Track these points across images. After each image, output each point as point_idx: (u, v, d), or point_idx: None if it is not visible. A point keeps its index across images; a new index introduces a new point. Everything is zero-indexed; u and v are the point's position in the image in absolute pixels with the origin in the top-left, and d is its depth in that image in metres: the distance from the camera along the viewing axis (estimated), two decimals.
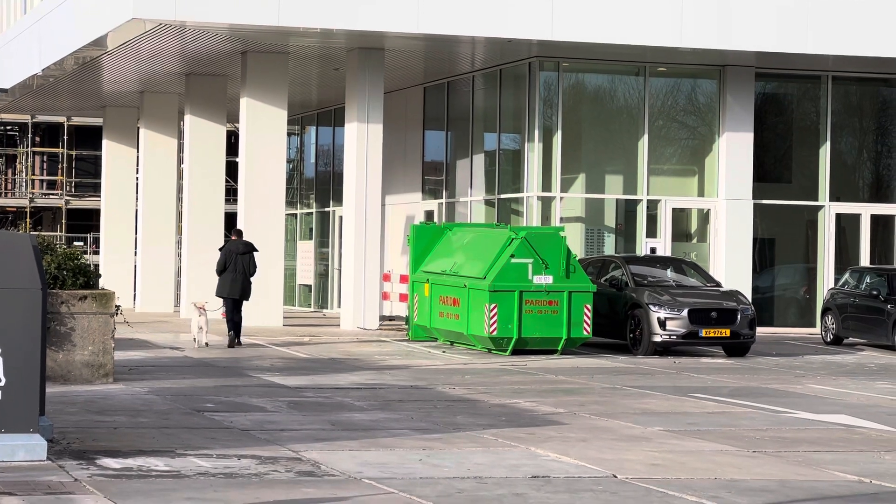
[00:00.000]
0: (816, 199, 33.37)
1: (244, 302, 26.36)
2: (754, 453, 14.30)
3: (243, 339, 27.06)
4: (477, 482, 12.18)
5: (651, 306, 26.11)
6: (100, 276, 20.44)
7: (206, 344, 25.70)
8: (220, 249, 26.78)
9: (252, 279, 26.46)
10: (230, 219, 37.55)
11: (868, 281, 29.18)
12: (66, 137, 61.62)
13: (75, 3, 32.80)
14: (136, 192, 40.44)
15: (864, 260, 33.16)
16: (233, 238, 27.05)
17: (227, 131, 36.84)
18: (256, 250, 26.79)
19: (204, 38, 29.81)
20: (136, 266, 39.64)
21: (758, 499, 11.77)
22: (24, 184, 63.09)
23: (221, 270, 26.18)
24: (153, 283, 37.70)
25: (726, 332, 26.17)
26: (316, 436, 14.65)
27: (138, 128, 40.41)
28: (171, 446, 13.64)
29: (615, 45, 29.50)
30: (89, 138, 60.52)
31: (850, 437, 15.74)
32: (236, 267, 26.06)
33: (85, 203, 61.78)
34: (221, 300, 26.47)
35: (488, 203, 33.56)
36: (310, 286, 41.86)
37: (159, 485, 11.62)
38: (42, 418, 13.05)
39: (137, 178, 40.34)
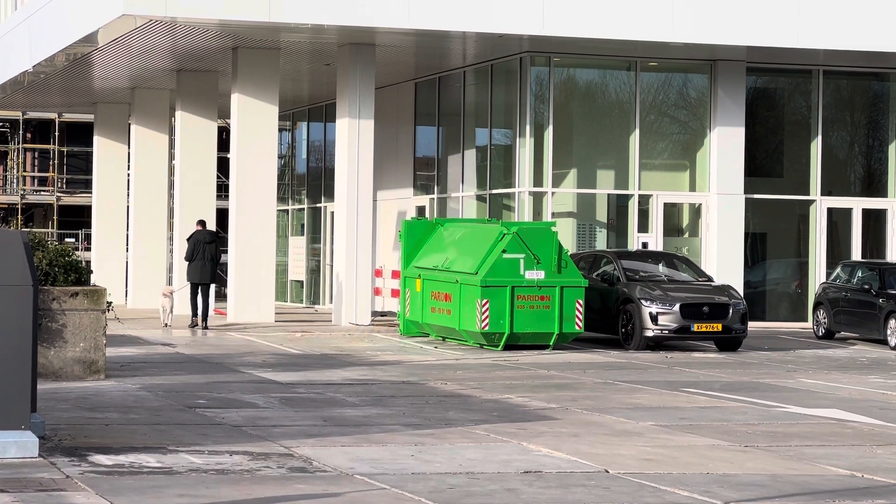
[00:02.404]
0: (808, 194, 33.40)
1: (212, 286, 29.53)
2: (746, 448, 14.31)
3: (235, 334, 27.22)
4: (469, 477, 12.18)
5: (643, 301, 26.12)
6: (91, 272, 20.43)
7: (168, 325, 29.16)
8: (188, 239, 29.53)
9: (218, 265, 29.60)
10: (222, 214, 37.53)
11: (860, 275, 29.20)
12: (57, 134, 61.55)
13: None
14: (128, 189, 40.40)
15: (856, 254, 33.19)
16: (198, 228, 29.62)
17: (219, 127, 36.81)
18: (220, 236, 30.08)
19: (195, 33, 29.78)
20: (127, 262, 39.61)
21: (750, 493, 11.77)
22: (15, 180, 63.01)
23: (190, 258, 29.05)
24: (145, 280, 37.66)
25: (718, 327, 26.19)
26: (308, 432, 14.64)
27: (129, 124, 40.36)
28: (162, 443, 13.63)
29: (606, 39, 29.51)
30: (80, 135, 60.46)
31: (842, 431, 15.76)
32: (204, 255, 28.98)
33: (76, 199, 61.72)
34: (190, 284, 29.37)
35: (480, 198, 33.56)
36: (301, 282, 41.84)
37: (151, 481, 11.61)
38: (34, 415, 13.04)
39: (129, 175, 40.31)
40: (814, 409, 17.58)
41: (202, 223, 29.93)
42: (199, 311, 29.01)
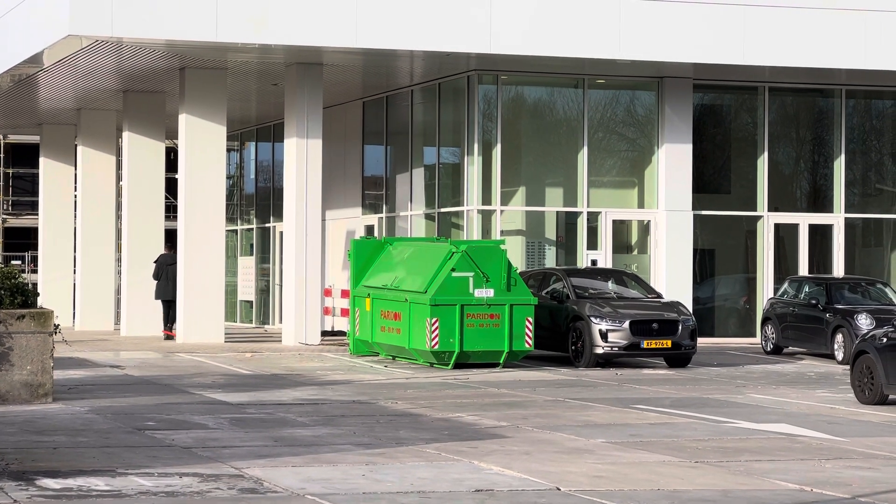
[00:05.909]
0: (755, 210, 33.59)
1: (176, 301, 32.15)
2: (696, 463, 14.36)
3: (185, 355, 27.15)
4: (420, 496, 12.16)
5: (592, 318, 26.17)
6: (38, 294, 20.28)
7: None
8: (155, 262, 32.74)
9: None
10: (170, 236, 37.36)
11: (807, 290, 29.37)
12: (2, 155, 61.14)
13: (10, 19, 32.56)
14: (75, 210, 40.16)
15: (803, 269, 33.39)
16: (164, 252, 32.96)
17: (167, 148, 36.65)
18: None
19: (141, 54, 29.67)
20: (75, 284, 39.35)
21: None
22: None
23: (156, 277, 32.49)
24: (92, 302, 37.43)
25: (668, 343, 26.27)
26: (258, 452, 14.58)
27: (76, 145, 40.14)
28: (111, 465, 13.53)
29: (554, 57, 29.59)
30: (26, 156, 60.06)
31: (791, 445, 15.83)
32: (168, 275, 32.23)
33: (22, 221, 61.31)
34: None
35: (428, 217, 33.56)
36: (251, 302, 41.70)
37: None
38: None
39: (76, 196, 40.08)
40: (763, 424, 17.65)
41: (169, 246, 33.00)
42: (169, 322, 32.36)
